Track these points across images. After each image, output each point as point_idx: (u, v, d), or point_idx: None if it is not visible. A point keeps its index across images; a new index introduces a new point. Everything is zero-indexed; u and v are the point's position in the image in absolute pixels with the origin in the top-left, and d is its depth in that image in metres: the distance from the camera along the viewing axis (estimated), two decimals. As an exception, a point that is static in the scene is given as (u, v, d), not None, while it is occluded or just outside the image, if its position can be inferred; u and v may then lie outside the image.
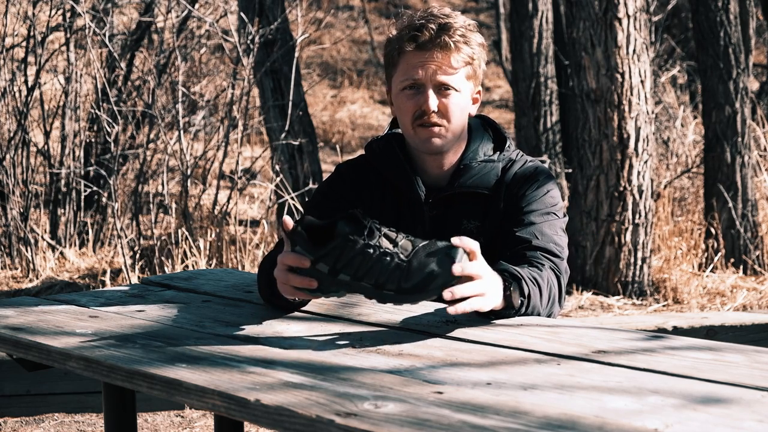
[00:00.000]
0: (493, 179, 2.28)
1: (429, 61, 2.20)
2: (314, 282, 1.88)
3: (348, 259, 1.85)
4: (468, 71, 2.25)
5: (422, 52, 2.21)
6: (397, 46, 2.25)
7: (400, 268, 1.82)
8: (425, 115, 2.22)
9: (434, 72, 2.21)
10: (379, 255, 1.83)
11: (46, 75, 6.88)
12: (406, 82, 2.23)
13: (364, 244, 1.84)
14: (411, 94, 2.23)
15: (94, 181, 6.51)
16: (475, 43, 2.24)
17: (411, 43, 2.21)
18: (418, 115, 2.23)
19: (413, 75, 2.22)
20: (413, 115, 2.23)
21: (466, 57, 2.22)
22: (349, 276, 1.85)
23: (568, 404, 1.46)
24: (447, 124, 2.24)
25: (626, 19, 5.48)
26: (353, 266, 1.84)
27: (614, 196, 5.54)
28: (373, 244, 1.84)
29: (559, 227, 2.23)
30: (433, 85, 2.22)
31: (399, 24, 2.27)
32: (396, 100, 2.28)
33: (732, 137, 6.41)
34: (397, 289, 1.82)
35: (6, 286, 5.70)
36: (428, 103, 2.21)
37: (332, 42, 12.92)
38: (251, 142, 9.68)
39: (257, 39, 6.01)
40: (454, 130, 2.25)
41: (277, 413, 1.47)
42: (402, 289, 1.81)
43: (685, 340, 1.85)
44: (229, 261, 5.57)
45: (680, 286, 5.63)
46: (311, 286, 1.89)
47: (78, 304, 2.27)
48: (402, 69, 2.24)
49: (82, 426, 3.89)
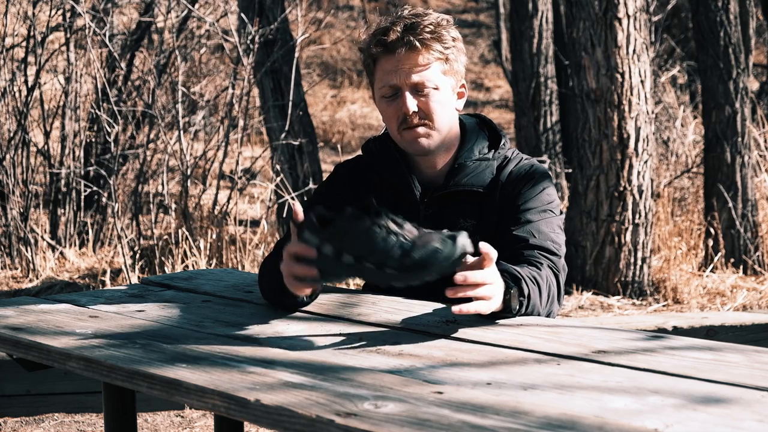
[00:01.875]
0: (488, 178, 2.28)
1: (400, 63, 2.20)
2: (315, 271, 1.88)
3: (353, 238, 1.83)
4: (443, 67, 2.23)
5: (392, 55, 2.20)
6: (368, 54, 2.25)
7: (403, 247, 1.80)
8: (407, 118, 2.22)
9: (407, 74, 2.20)
10: (384, 234, 1.82)
11: (46, 75, 6.88)
12: (384, 89, 2.23)
13: (371, 222, 1.84)
14: (390, 99, 2.23)
15: (94, 181, 6.51)
16: (449, 38, 2.22)
17: (379, 47, 2.21)
18: (401, 119, 2.23)
19: (389, 81, 2.22)
20: (397, 120, 2.23)
21: (438, 53, 2.21)
22: (353, 256, 1.84)
23: (568, 404, 1.46)
24: (431, 123, 2.23)
25: (626, 19, 5.48)
26: (357, 245, 1.83)
27: (614, 196, 5.54)
28: (380, 223, 1.83)
29: (556, 225, 2.22)
30: (409, 87, 2.20)
31: (368, 31, 2.27)
32: (379, 108, 2.29)
33: (732, 137, 6.41)
34: (399, 267, 1.79)
35: (6, 286, 5.70)
36: (407, 105, 2.20)
37: (332, 42, 12.92)
38: (251, 142, 9.68)
39: (257, 39, 6.01)
40: (440, 128, 2.24)
41: (277, 413, 1.47)
42: (404, 266, 1.79)
43: (685, 340, 1.85)
44: (229, 261, 5.57)
45: (680, 286, 5.63)
46: (313, 274, 1.89)
47: (78, 304, 2.27)
48: (378, 76, 2.25)
49: (82, 426, 3.90)
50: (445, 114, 2.25)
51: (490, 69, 13.87)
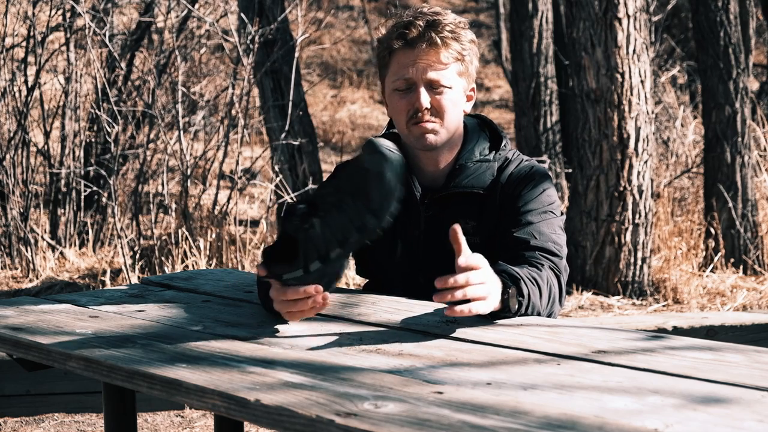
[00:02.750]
0: (489, 179, 2.28)
1: (418, 58, 2.20)
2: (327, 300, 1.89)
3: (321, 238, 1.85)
4: (459, 68, 2.24)
5: (411, 50, 2.21)
6: (386, 46, 2.25)
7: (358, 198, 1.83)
8: (418, 113, 2.22)
9: (424, 69, 2.21)
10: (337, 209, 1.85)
11: (46, 75, 6.88)
12: (398, 82, 2.24)
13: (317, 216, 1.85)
14: (403, 93, 2.24)
15: (94, 181, 6.51)
16: (466, 40, 2.24)
17: (399, 40, 2.22)
18: (411, 114, 2.23)
19: (404, 74, 2.22)
20: (407, 114, 2.24)
21: (456, 53, 2.22)
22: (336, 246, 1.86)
23: (568, 404, 1.45)
24: (441, 121, 2.24)
25: (626, 19, 5.48)
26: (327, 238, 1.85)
27: (614, 196, 5.54)
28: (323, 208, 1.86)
29: (557, 225, 2.22)
30: (424, 83, 2.22)
31: (388, 24, 2.27)
32: (389, 101, 2.29)
33: (732, 137, 6.41)
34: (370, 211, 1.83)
35: (6, 286, 5.70)
36: (420, 100, 2.21)
37: (332, 42, 12.92)
38: (251, 142, 9.67)
39: (257, 39, 6.01)
40: (448, 126, 2.25)
41: (277, 413, 1.47)
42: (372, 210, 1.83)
43: (685, 340, 1.85)
44: (229, 261, 5.57)
45: (680, 286, 5.63)
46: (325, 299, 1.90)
47: (78, 304, 2.27)
48: (393, 69, 2.25)
49: (82, 426, 3.89)
50: (455, 114, 2.26)
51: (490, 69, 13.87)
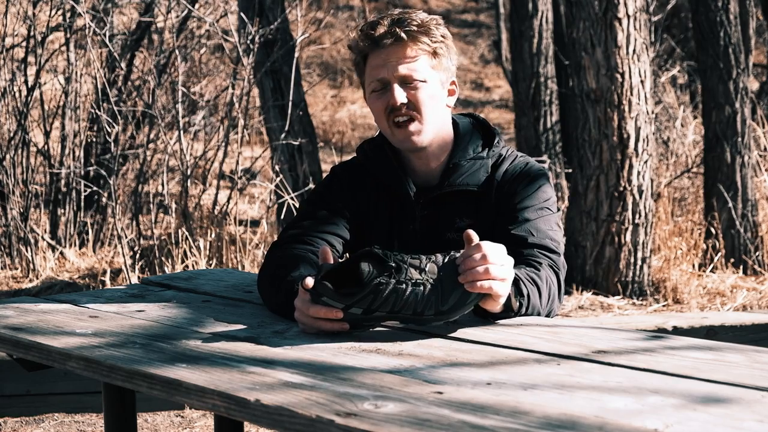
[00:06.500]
0: (483, 176, 2.28)
1: (388, 57, 2.21)
2: (347, 325, 1.88)
3: (382, 300, 1.84)
4: (431, 61, 2.24)
5: (381, 50, 2.22)
6: (357, 50, 2.26)
7: (434, 292, 1.82)
8: (396, 110, 2.22)
9: (394, 66, 2.21)
10: (412, 288, 1.83)
11: (46, 75, 6.88)
12: (373, 84, 2.25)
13: (396, 281, 1.83)
14: (379, 93, 2.24)
15: (94, 181, 6.51)
16: (437, 34, 2.23)
17: (367, 41, 2.23)
18: (389, 111, 2.23)
19: (377, 75, 2.23)
20: (385, 113, 2.24)
21: (426, 46, 2.22)
22: (386, 312, 1.85)
23: (568, 404, 1.45)
24: (419, 116, 2.23)
25: (626, 19, 5.48)
26: (388, 304, 1.84)
27: (614, 196, 5.54)
28: (403, 280, 1.83)
29: (554, 222, 2.22)
30: (397, 80, 2.22)
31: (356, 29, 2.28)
32: (370, 105, 2.29)
33: (732, 137, 6.41)
34: (436, 312, 1.83)
35: (6, 286, 5.70)
36: (395, 96, 2.21)
37: (332, 42, 12.92)
38: (251, 142, 9.67)
39: (257, 39, 6.01)
40: (429, 121, 2.24)
41: (277, 413, 1.46)
42: (441, 312, 1.83)
43: (685, 340, 1.85)
44: (229, 261, 5.57)
45: (680, 286, 5.63)
46: (344, 329, 1.88)
47: (78, 304, 2.27)
48: (368, 73, 2.26)
49: (82, 426, 3.89)
50: (434, 107, 2.25)
51: (490, 69, 13.87)
